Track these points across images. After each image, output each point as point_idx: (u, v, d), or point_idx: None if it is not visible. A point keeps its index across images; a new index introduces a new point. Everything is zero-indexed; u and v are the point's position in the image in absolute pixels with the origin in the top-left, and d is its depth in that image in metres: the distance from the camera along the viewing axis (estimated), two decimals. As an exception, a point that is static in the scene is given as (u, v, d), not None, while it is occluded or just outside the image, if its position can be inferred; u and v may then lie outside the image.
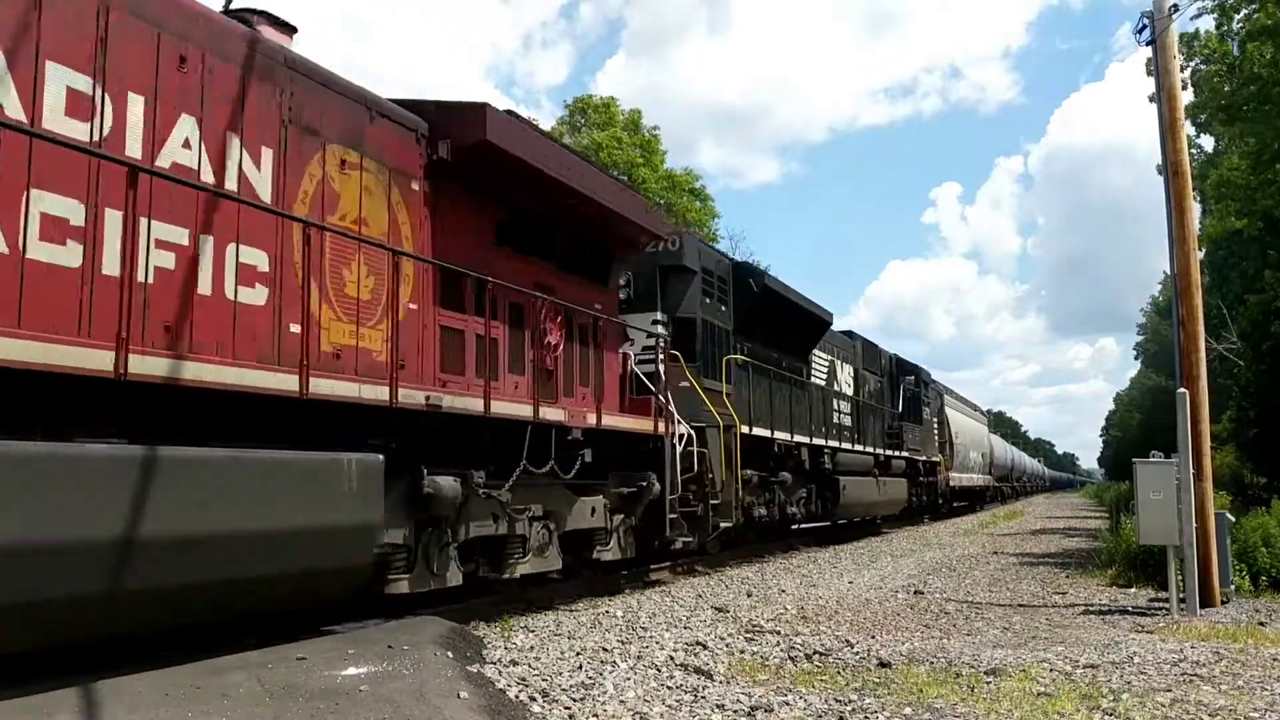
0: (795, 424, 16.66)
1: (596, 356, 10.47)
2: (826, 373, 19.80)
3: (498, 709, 5.35)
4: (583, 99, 39.66)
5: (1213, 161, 21.56)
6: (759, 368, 15.39)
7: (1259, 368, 21.92)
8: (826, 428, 18.79)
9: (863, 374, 22.54)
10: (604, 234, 10.71)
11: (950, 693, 5.96)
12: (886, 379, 24.71)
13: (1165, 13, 10.54)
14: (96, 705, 4.72)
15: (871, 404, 22.90)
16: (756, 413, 14.89)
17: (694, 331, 13.45)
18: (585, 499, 9.96)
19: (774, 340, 16.48)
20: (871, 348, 24.28)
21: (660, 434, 11.06)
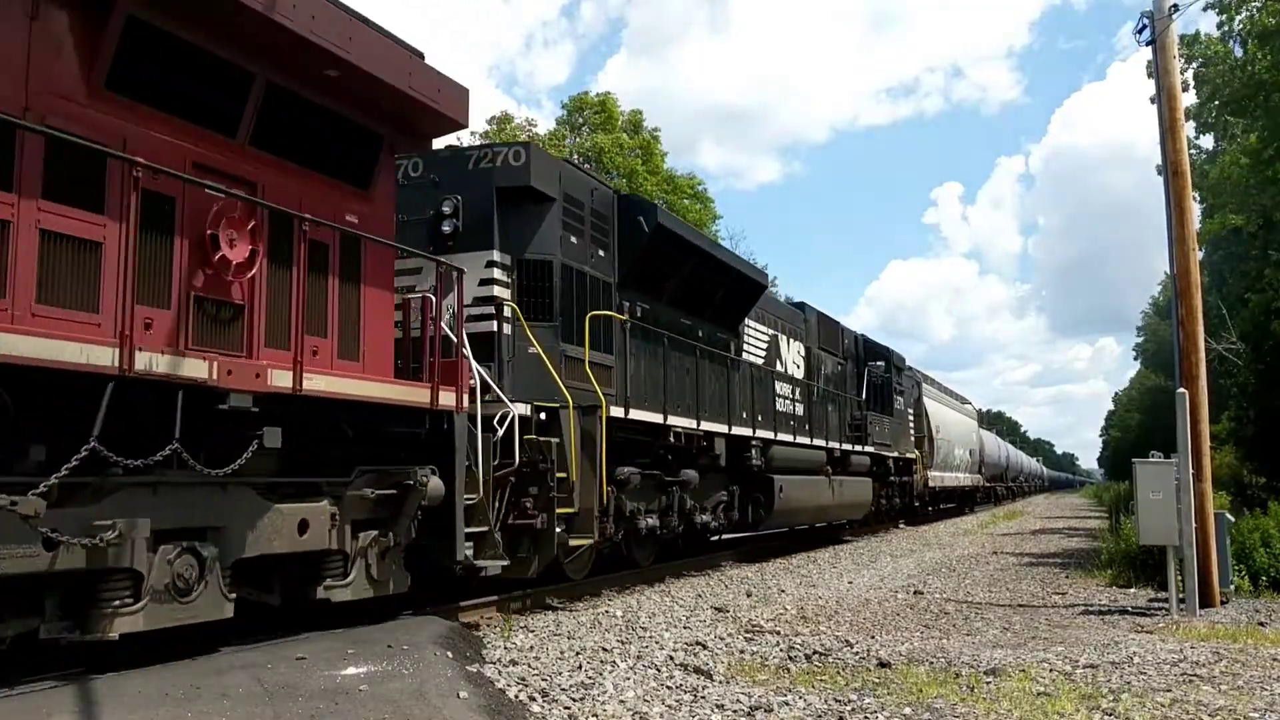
0: (708, 408, 12.93)
1: (344, 293, 7.06)
2: (765, 349, 16.01)
3: (497, 709, 5.35)
4: (579, 97, 39.58)
5: (1212, 159, 21.54)
6: (652, 333, 11.76)
7: (1259, 368, 21.93)
8: (764, 416, 15.22)
9: (818, 355, 18.77)
10: (357, 107, 7.16)
11: (950, 693, 5.96)
12: (850, 362, 21.16)
13: (1165, 13, 10.54)
14: (96, 705, 4.72)
15: (829, 390, 19.08)
16: (646, 391, 11.43)
17: (549, 279, 9.92)
18: (289, 507, 6.51)
19: (683, 302, 12.87)
20: (830, 325, 20.44)
21: (445, 408, 7.60)
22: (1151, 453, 10.48)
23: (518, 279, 9.76)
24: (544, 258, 9.99)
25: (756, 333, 15.73)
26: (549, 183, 10.10)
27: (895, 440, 23.64)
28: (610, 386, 10.38)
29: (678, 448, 12.05)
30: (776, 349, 16.61)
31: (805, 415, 17.41)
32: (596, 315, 10.42)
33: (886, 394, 23.33)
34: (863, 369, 21.85)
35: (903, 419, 25.17)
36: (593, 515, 9.70)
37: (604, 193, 11.39)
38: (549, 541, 8.98)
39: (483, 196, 9.66)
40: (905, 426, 25.44)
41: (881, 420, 22.34)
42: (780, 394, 16.37)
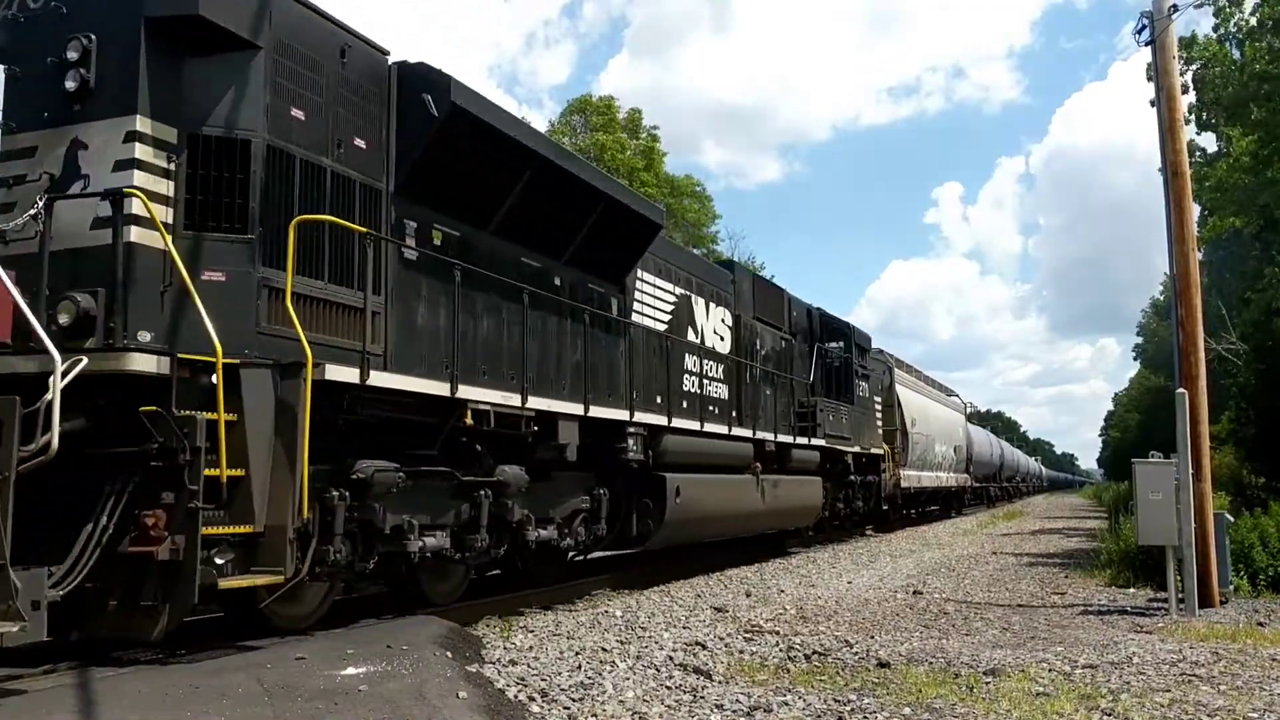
0: (565, 382, 9.70)
1: None
2: (671, 313, 12.44)
3: (497, 709, 5.35)
4: (582, 99, 39.66)
5: (1211, 163, 21.55)
6: (450, 269, 8.00)
7: (1259, 368, 21.93)
8: (666, 396, 11.66)
9: (752, 326, 15.22)
10: None
11: (949, 693, 5.96)
12: (799, 339, 17.48)
13: (1165, 13, 10.55)
14: (95, 705, 4.72)
15: (767, 370, 15.50)
16: (431, 350, 7.97)
17: (245, 169, 6.60)
18: None
19: (524, 234, 9.21)
20: (770, 292, 17.03)
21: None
22: (1151, 453, 10.49)
23: (188, 165, 6.41)
24: (236, 135, 6.55)
25: (656, 290, 12.11)
26: (245, 20, 6.60)
27: (857, 433, 19.80)
28: (363, 339, 6.92)
29: (499, 435, 8.38)
30: (688, 314, 12.90)
31: (732, 399, 13.93)
32: (309, 221, 6.75)
33: (846, 379, 19.53)
34: (815, 347, 18.19)
35: (867, 409, 21.37)
36: (284, 537, 6.17)
37: (367, 55, 7.60)
38: (185, 582, 5.62)
39: (126, 34, 6.24)
40: (871, 417, 21.60)
41: (838, 409, 18.54)
42: (691, 370, 12.67)
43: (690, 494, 11.49)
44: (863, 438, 20.30)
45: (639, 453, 10.68)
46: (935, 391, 34.31)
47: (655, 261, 12.10)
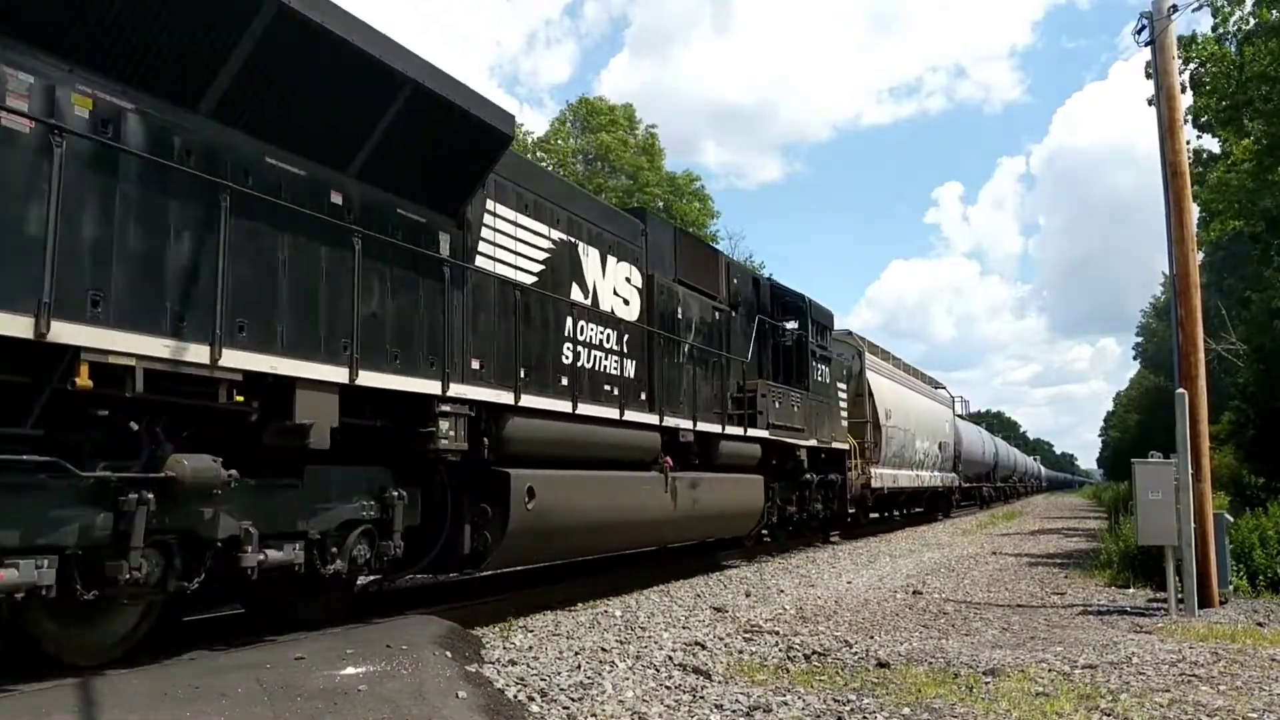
0: (309, 334, 6.68)
1: None
2: (544, 260, 9.68)
3: (496, 709, 5.36)
4: (589, 101, 39.74)
5: (1208, 165, 21.56)
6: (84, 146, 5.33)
7: (1259, 368, 21.94)
8: (521, 367, 8.88)
9: (672, 291, 12.39)
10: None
11: (948, 693, 5.96)
12: (739, 312, 14.82)
13: (1164, 13, 10.55)
14: (95, 704, 4.72)
15: (694, 345, 12.70)
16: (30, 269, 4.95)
17: None
18: None
19: (275, 127, 6.57)
20: (700, 251, 14.30)
21: None
22: (1151, 453, 10.49)
23: None
24: None
25: (519, 231, 9.26)
26: None
27: (813, 424, 16.78)
28: None
29: (186, 409, 5.91)
30: (573, 266, 10.16)
31: (640, 378, 11.20)
32: None
33: (800, 361, 16.72)
34: (760, 323, 15.50)
35: (828, 397, 18.10)
36: None
37: None
38: None
39: None
40: (833, 407, 18.40)
41: (788, 396, 15.62)
42: (575, 337, 9.95)
43: (552, 497, 8.81)
44: (821, 430, 17.27)
45: (462, 440, 7.83)
46: (917, 382, 30.81)
47: (521, 194, 9.32)
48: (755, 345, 15.06)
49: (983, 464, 41.79)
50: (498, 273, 8.82)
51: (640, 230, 12.09)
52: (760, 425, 14.14)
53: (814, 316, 17.54)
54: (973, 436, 40.13)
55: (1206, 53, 18.88)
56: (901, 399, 26.13)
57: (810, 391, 16.78)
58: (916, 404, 28.15)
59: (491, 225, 8.86)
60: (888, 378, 25.54)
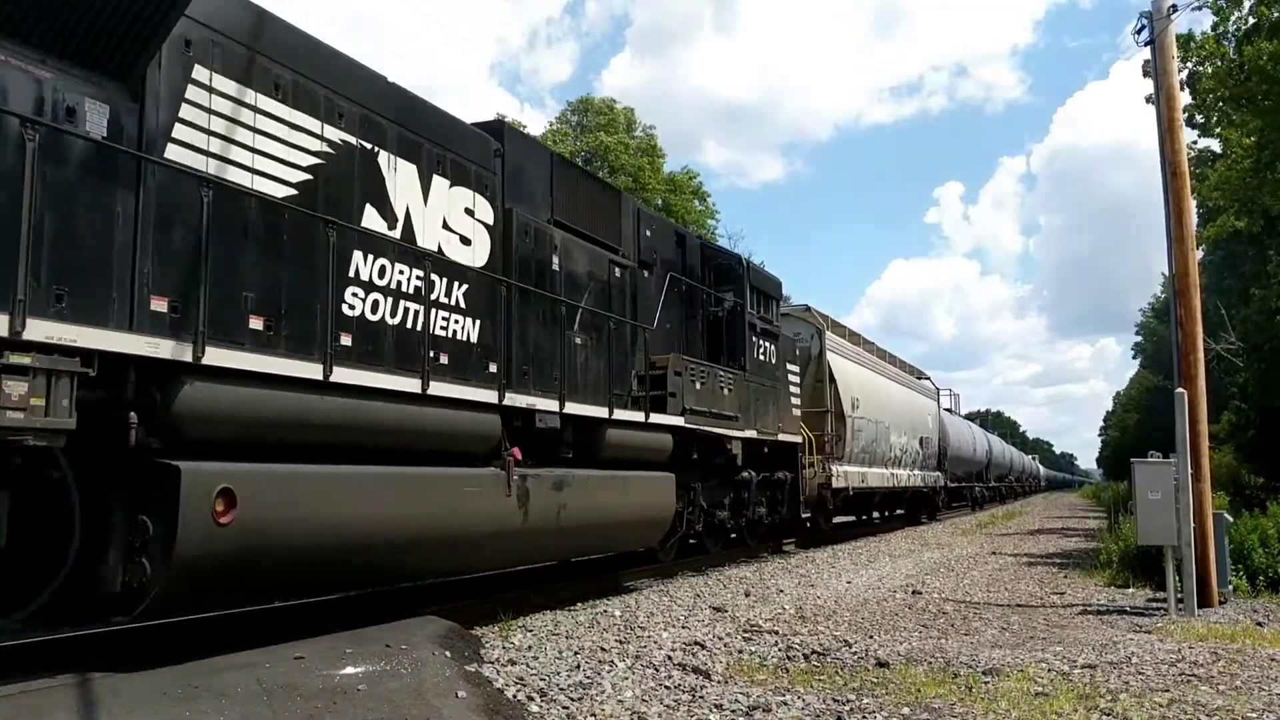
0: None
1: None
2: (312, 169, 7.11)
3: (496, 708, 5.35)
4: (585, 100, 39.79)
5: (1210, 162, 21.55)
6: None
7: (1259, 368, 21.95)
8: (280, 314, 6.63)
9: (544, 235, 9.79)
10: None
11: (948, 692, 5.96)
12: (656, 271, 12.29)
13: (1164, 13, 10.55)
14: (94, 704, 4.72)
15: (577, 305, 10.07)
16: None
17: None
18: None
19: None
20: (592, 190, 11.30)
21: None
22: (1150, 453, 10.49)
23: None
24: None
25: (265, 120, 6.76)
26: None
27: (752, 411, 13.89)
28: None
29: None
30: (370, 182, 7.63)
31: (484, 342, 8.59)
32: None
33: (735, 336, 13.91)
34: (682, 286, 12.79)
35: (773, 380, 15.11)
36: None
37: None
38: None
39: None
40: (779, 392, 15.35)
41: (714, 376, 12.71)
42: (370, 280, 7.38)
43: (272, 504, 6.07)
44: (763, 419, 14.19)
45: (64, 415, 4.92)
46: (894, 370, 27.20)
47: (270, 70, 6.77)
48: (674, 313, 12.28)
49: (973, 462, 38.46)
50: (211, 174, 6.17)
51: (494, 151, 9.12)
52: (672, 410, 11.30)
53: (754, 283, 14.11)
54: (961, 432, 36.61)
55: (1205, 52, 18.88)
56: (873, 387, 22.84)
57: (748, 372, 13.63)
58: (892, 394, 24.93)
59: (203, 104, 6.23)
60: (855, 362, 22.10)
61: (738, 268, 14.26)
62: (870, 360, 24.29)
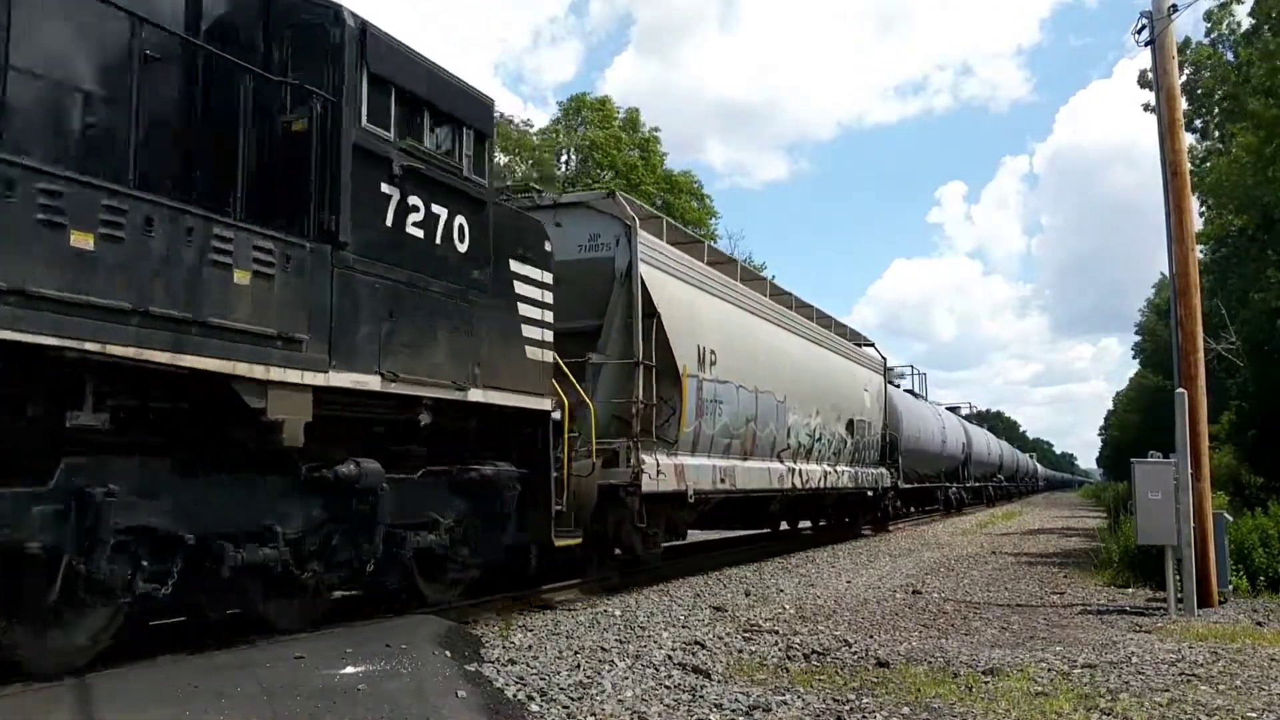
0: None
1: None
2: None
3: (496, 708, 5.35)
4: (578, 97, 39.64)
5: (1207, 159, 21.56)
6: None
7: (1259, 369, 21.94)
8: None
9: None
10: None
11: (948, 692, 5.96)
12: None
13: (1164, 13, 10.55)
14: (94, 704, 4.72)
15: None
16: None
17: None
18: None
19: None
20: None
21: None
22: (1150, 452, 10.49)
23: None
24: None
25: None
26: None
27: (382, 338, 6.79)
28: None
29: None
30: None
31: None
32: None
33: (325, 173, 6.36)
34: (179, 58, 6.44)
35: (461, 282, 7.66)
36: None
37: None
38: None
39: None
40: (486, 310, 8.02)
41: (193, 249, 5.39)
42: None
43: None
44: (422, 355, 7.20)
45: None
46: (799, 320, 17.77)
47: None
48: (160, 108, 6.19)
49: (943, 458, 30.92)
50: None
51: None
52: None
53: (380, 70, 6.81)
54: (925, 420, 28.46)
55: (1202, 55, 18.92)
56: (748, 337, 14.66)
57: (356, 254, 6.53)
58: (790, 352, 16.54)
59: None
60: (707, 290, 13.50)
61: (331, 30, 6.59)
62: (744, 296, 14.97)
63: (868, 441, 21.08)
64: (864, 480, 20.49)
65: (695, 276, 13.19)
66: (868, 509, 22.47)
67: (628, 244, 11.37)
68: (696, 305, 12.95)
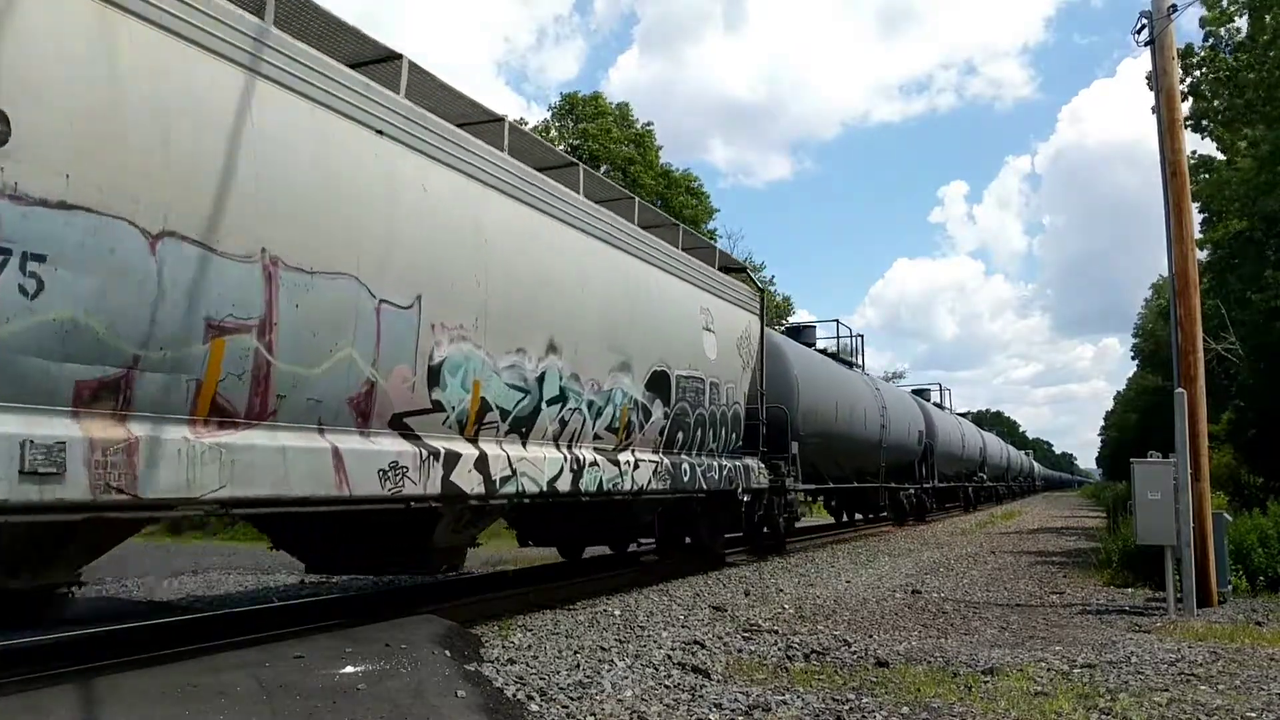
0: None
1: None
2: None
3: (495, 708, 5.35)
4: (569, 96, 39.54)
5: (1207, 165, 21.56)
6: None
7: (1258, 369, 21.93)
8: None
9: None
10: None
11: (947, 692, 5.96)
12: None
13: (1164, 13, 10.55)
14: (94, 703, 4.72)
15: None
16: None
17: None
18: None
19: None
20: None
21: None
22: (1150, 453, 10.49)
23: None
24: None
25: None
26: None
27: None
28: None
29: None
30: None
31: None
32: None
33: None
34: None
35: None
36: None
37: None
38: None
39: None
40: None
41: None
42: None
43: None
44: None
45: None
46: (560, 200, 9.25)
47: None
48: None
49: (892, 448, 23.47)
50: None
51: None
52: None
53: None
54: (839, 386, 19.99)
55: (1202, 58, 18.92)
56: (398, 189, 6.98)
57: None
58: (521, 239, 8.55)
59: None
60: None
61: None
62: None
63: (721, 409, 13.02)
64: (692, 476, 11.87)
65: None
66: (713, 520, 13.53)
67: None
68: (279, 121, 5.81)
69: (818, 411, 17.50)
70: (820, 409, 17.70)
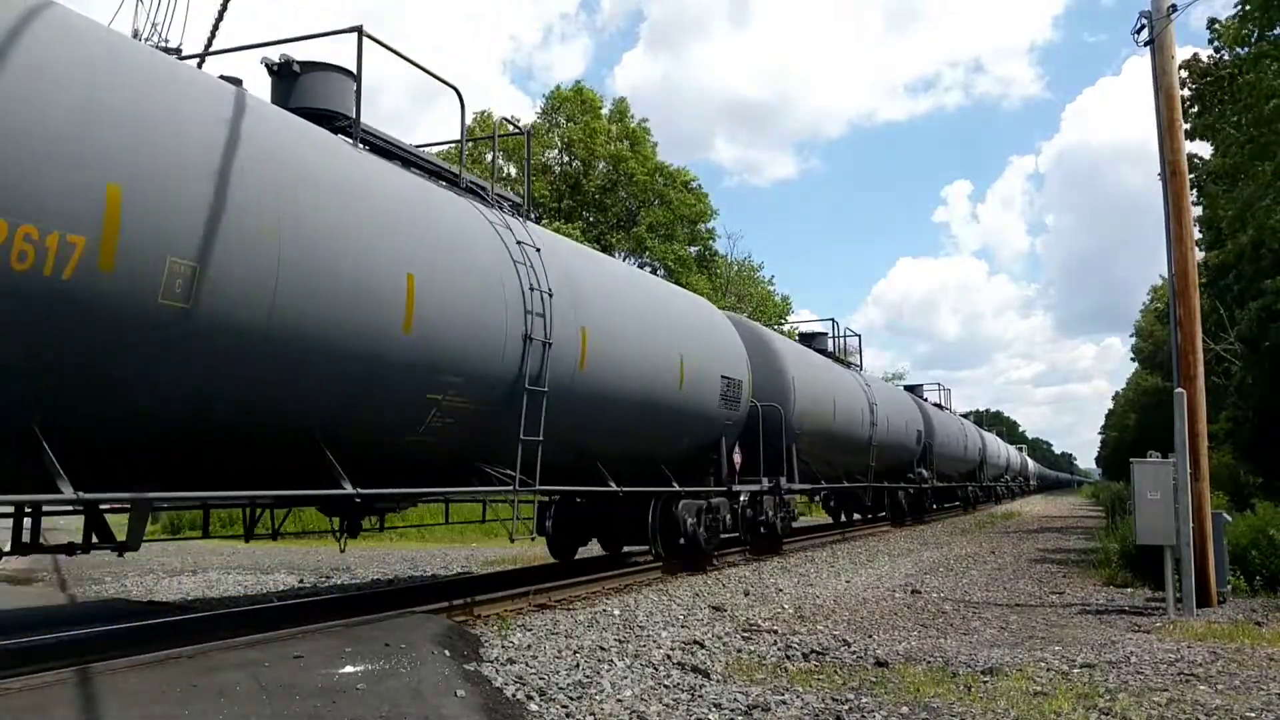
0: None
1: None
2: None
3: (495, 707, 5.35)
4: (556, 92, 39.34)
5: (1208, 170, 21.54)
6: None
7: (1257, 369, 21.95)
8: None
9: None
10: None
11: (947, 692, 5.97)
12: None
13: (1164, 13, 10.55)
14: (93, 701, 4.72)
15: None
16: None
17: None
18: None
19: None
20: None
21: None
22: (1149, 452, 10.49)
23: None
24: None
25: None
26: None
27: None
28: None
29: None
30: None
31: None
32: None
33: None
34: None
35: None
36: None
37: None
38: None
39: None
40: None
41: None
42: None
43: None
44: None
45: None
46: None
47: None
48: None
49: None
50: None
51: None
52: None
53: None
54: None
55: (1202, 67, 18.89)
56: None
57: None
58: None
59: None
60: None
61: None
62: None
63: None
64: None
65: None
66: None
67: None
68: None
69: (813, 412, 17.22)
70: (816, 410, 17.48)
